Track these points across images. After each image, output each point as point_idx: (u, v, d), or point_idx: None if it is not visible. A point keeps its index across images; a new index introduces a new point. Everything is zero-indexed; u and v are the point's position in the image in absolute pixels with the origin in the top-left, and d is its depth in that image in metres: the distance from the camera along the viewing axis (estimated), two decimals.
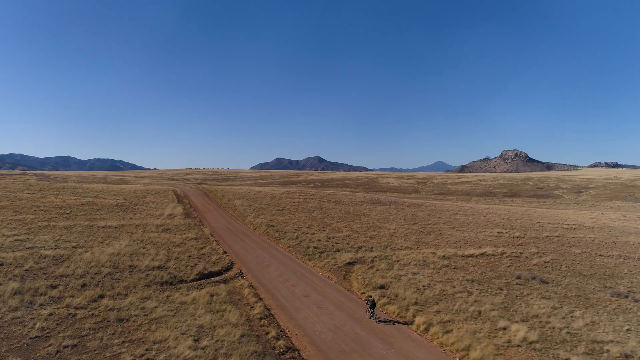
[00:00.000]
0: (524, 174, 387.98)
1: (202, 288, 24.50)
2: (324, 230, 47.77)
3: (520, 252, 37.73)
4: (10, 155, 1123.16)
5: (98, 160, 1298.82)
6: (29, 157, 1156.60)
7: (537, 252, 38.11)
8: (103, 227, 44.39)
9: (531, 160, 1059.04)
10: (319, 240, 40.75)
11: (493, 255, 36.34)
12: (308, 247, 36.87)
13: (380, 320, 21.11)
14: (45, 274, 26.62)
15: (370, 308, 21.34)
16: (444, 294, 24.28)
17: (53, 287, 23.68)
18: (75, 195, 73.02)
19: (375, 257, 33.69)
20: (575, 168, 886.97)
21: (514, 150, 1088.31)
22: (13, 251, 32.80)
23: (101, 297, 22.28)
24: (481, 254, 36.32)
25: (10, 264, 28.69)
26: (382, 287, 25.11)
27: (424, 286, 25.60)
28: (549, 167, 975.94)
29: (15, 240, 36.92)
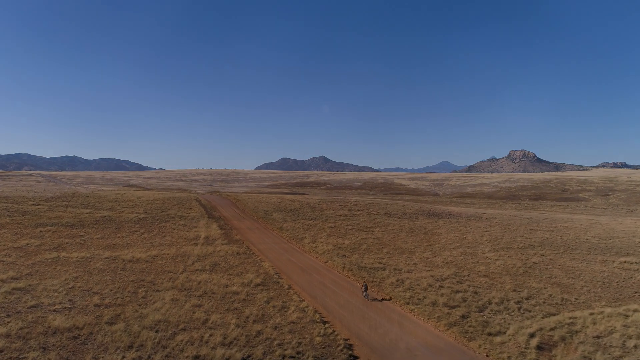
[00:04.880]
0: (542, 175, 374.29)
1: None
2: (415, 264, 36.58)
3: None
4: (17, 155, 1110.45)
5: (104, 160, 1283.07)
6: (35, 157, 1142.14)
7: None
8: (130, 262, 33.33)
9: (539, 160, 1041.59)
10: (430, 286, 29.49)
11: None
12: (435, 304, 25.52)
13: (370, 299, 26.01)
14: None
15: (365, 290, 26.65)
16: None
17: None
18: (88, 207, 61.88)
19: (557, 329, 22.26)
20: (584, 168, 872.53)
21: (521, 151, 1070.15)
22: (8, 316, 21.75)
23: None
24: None
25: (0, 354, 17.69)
26: None
27: None
28: (557, 167, 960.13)
29: (13, 289, 25.85)
